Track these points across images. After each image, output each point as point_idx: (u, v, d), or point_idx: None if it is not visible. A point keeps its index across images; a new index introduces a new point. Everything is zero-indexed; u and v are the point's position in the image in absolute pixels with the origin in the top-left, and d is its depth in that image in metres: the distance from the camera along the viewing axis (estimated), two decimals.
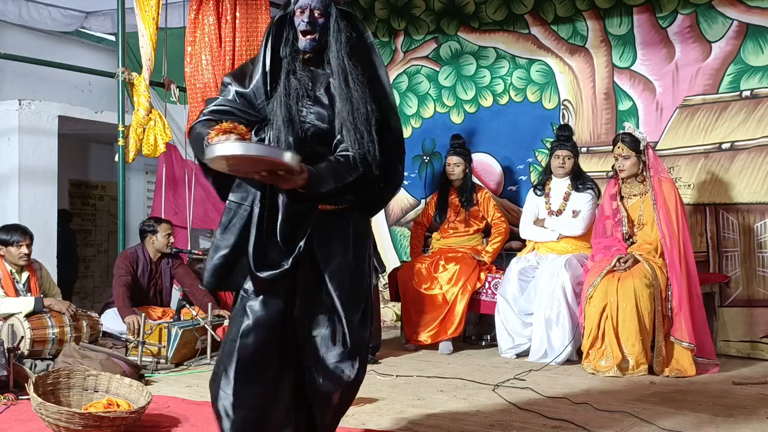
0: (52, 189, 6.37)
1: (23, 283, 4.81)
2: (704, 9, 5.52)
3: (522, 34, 6.38)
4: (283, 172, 2.17)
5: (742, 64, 5.38)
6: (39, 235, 5.19)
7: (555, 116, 6.20)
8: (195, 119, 2.48)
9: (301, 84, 2.43)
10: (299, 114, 2.40)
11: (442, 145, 6.46)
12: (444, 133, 6.48)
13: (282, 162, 2.12)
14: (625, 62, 5.90)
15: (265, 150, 2.18)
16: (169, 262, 5.59)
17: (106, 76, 6.11)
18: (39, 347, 4.48)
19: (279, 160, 2.12)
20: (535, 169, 6.27)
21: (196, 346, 4.99)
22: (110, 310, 5.33)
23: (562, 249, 5.25)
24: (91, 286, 8.28)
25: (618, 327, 4.54)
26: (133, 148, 5.60)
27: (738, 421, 3.37)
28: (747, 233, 5.31)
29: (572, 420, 3.34)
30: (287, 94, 2.40)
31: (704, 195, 5.47)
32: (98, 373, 3.53)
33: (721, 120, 5.46)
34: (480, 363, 4.95)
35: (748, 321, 5.21)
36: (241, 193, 2.45)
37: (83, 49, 7.57)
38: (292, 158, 2.12)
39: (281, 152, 2.17)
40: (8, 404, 3.59)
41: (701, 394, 3.97)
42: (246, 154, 2.11)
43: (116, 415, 3.11)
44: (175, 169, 6.84)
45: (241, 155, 2.11)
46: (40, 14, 6.84)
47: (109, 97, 6.60)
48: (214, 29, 5.90)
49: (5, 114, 6.20)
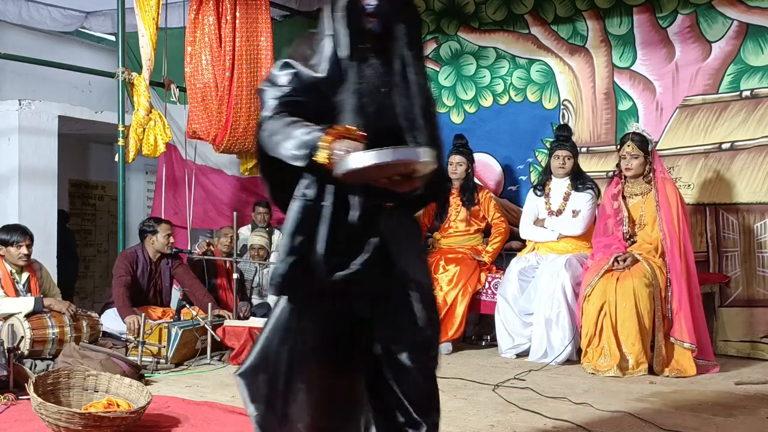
0: (52, 189, 6.37)
1: (23, 283, 4.81)
2: (704, 9, 5.52)
3: (522, 34, 6.38)
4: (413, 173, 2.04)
5: (742, 64, 5.38)
6: (39, 235, 5.20)
7: (555, 116, 6.20)
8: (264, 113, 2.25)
9: (374, 73, 2.25)
10: (372, 106, 2.22)
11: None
12: (444, 133, 6.43)
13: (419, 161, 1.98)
14: (625, 62, 5.90)
15: (402, 153, 2.00)
16: (169, 262, 5.59)
17: (106, 76, 6.11)
18: (39, 347, 4.48)
19: (417, 159, 1.98)
20: (535, 169, 6.27)
21: (196, 346, 4.99)
22: (110, 310, 5.32)
23: (562, 249, 5.25)
24: (91, 286, 8.28)
25: (617, 326, 4.54)
26: (133, 148, 5.60)
27: (738, 421, 3.37)
28: (747, 233, 5.31)
29: (572, 420, 3.34)
30: (359, 83, 2.21)
31: (704, 195, 5.47)
32: (98, 373, 3.53)
33: (721, 120, 5.46)
34: (480, 363, 4.95)
35: (748, 321, 5.20)
36: (307, 190, 2.23)
37: (83, 49, 7.57)
38: (429, 155, 1.99)
39: (417, 152, 2.00)
40: (8, 404, 3.59)
41: (701, 394, 3.97)
42: (385, 162, 1.95)
43: (116, 415, 3.11)
44: (175, 169, 6.84)
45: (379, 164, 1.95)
46: (40, 14, 6.85)
47: (109, 97, 6.60)
48: (214, 29, 5.90)
49: (5, 114, 6.20)
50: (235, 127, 5.99)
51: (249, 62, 6.04)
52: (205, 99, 5.95)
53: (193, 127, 6.05)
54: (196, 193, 6.78)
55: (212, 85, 5.92)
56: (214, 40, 5.90)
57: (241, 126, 6.02)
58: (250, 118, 6.06)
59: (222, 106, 5.95)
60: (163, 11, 5.74)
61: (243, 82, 6.00)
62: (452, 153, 5.84)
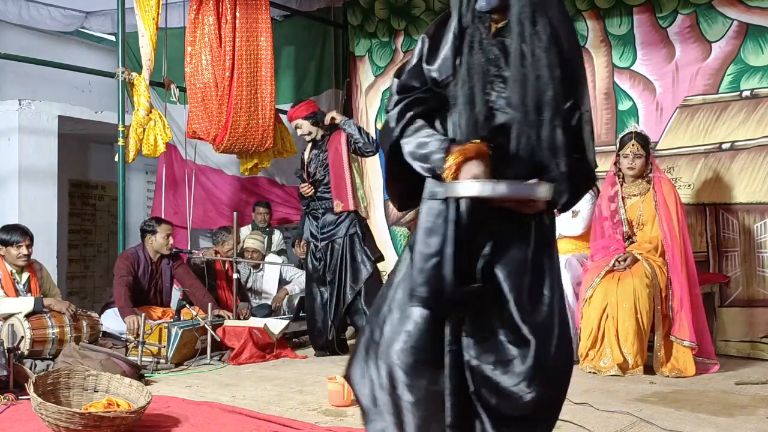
0: (52, 189, 6.37)
1: (23, 283, 4.81)
2: (704, 9, 5.52)
3: None
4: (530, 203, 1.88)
5: (742, 64, 5.38)
6: (39, 235, 5.20)
7: None
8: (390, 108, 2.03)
9: (487, 58, 1.93)
10: (485, 97, 1.92)
11: None
12: None
13: (534, 198, 1.85)
14: (625, 62, 5.89)
15: (516, 189, 1.83)
16: (170, 262, 5.60)
17: (106, 76, 6.11)
18: (39, 347, 4.48)
19: (531, 196, 1.85)
20: None
21: (196, 346, 4.99)
22: (110, 310, 5.33)
23: (562, 249, 5.24)
24: (91, 286, 8.28)
25: (618, 327, 4.54)
26: (133, 148, 5.59)
27: (738, 421, 3.37)
28: (747, 233, 5.31)
29: (572, 420, 3.34)
30: (469, 71, 1.92)
31: (704, 195, 5.47)
32: (98, 373, 3.53)
33: (721, 120, 5.46)
34: None
35: (748, 321, 5.21)
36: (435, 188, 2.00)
37: (83, 49, 7.57)
38: (547, 192, 1.83)
39: (533, 188, 1.82)
40: (8, 404, 3.59)
41: (701, 394, 3.96)
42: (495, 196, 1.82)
43: (116, 415, 3.11)
44: (175, 169, 6.84)
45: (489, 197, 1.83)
46: (40, 14, 6.84)
47: (109, 97, 6.60)
48: (214, 29, 5.90)
49: (5, 114, 6.20)
50: (235, 127, 5.99)
51: (249, 62, 6.04)
52: (205, 99, 5.95)
53: (193, 127, 6.05)
54: (196, 193, 6.78)
55: (212, 85, 5.92)
56: (214, 40, 5.90)
57: (241, 126, 6.02)
58: (250, 118, 6.06)
59: (222, 106, 5.95)
60: (163, 11, 5.74)
61: (243, 82, 6.00)
62: None
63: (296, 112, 5.44)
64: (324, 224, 5.36)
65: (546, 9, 1.90)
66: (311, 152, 5.49)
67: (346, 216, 5.30)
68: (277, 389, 4.13)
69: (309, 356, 5.30)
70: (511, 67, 1.90)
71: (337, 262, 5.27)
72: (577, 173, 1.95)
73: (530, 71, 1.88)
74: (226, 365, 4.86)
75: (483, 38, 1.94)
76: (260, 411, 3.54)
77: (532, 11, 1.88)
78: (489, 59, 1.93)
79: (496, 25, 1.96)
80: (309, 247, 5.45)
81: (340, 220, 5.32)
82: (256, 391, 4.08)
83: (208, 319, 5.02)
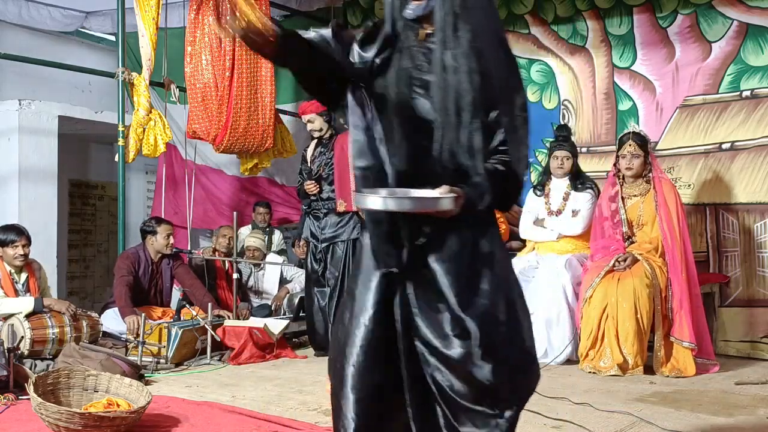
0: (52, 189, 6.37)
1: (22, 283, 4.81)
2: (704, 9, 5.52)
3: (522, 34, 6.38)
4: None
5: (742, 64, 5.38)
6: (39, 235, 5.20)
7: (555, 116, 6.20)
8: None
9: (414, 64, 2.00)
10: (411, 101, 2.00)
11: None
12: None
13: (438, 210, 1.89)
14: (625, 62, 5.90)
15: (419, 204, 1.90)
16: (170, 262, 5.60)
17: (106, 76, 6.11)
18: (39, 347, 4.48)
19: (435, 209, 1.89)
20: (535, 169, 6.27)
21: (196, 346, 4.99)
22: (110, 310, 5.33)
23: (562, 249, 5.25)
24: (91, 286, 8.28)
25: (618, 327, 4.54)
26: (133, 148, 5.60)
27: (738, 421, 3.37)
28: (747, 233, 5.31)
29: (572, 420, 3.34)
30: (398, 76, 2.00)
31: (704, 195, 5.47)
32: (98, 373, 3.53)
33: (721, 120, 5.46)
34: None
35: (748, 321, 5.21)
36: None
37: (83, 49, 7.57)
38: (450, 204, 1.87)
39: (437, 202, 1.87)
40: (8, 404, 3.59)
41: (701, 394, 3.96)
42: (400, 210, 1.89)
43: (116, 415, 3.11)
44: (175, 169, 6.84)
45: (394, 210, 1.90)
46: (40, 14, 6.85)
47: (109, 97, 6.60)
48: (214, 29, 5.90)
49: (5, 114, 6.20)
50: (235, 127, 5.99)
51: (249, 62, 6.04)
52: (205, 99, 5.94)
53: (193, 127, 6.05)
54: (196, 193, 6.78)
55: (212, 85, 5.92)
56: (214, 40, 5.90)
57: (241, 126, 6.02)
58: (250, 118, 6.05)
59: (222, 106, 5.94)
60: (163, 11, 5.74)
61: (243, 82, 6.00)
62: None
63: (311, 107, 5.41)
64: (326, 225, 5.34)
65: (469, 17, 1.95)
66: (315, 150, 5.48)
67: (350, 218, 5.28)
68: (277, 389, 4.13)
69: (309, 356, 5.30)
70: (434, 73, 1.97)
71: (340, 267, 5.24)
72: (501, 176, 1.99)
73: (451, 77, 1.94)
74: (226, 365, 4.86)
75: (411, 44, 2.01)
76: (260, 411, 3.54)
77: (454, 19, 1.94)
78: (416, 65, 2.00)
79: (424, 31, 2.02)
80: (309, 247, 5.44)
81: (344, 222, 5.29)
82: (256, 391, 4.08)
83: (208, 319, 5.02)
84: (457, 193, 1.88)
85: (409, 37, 2.01)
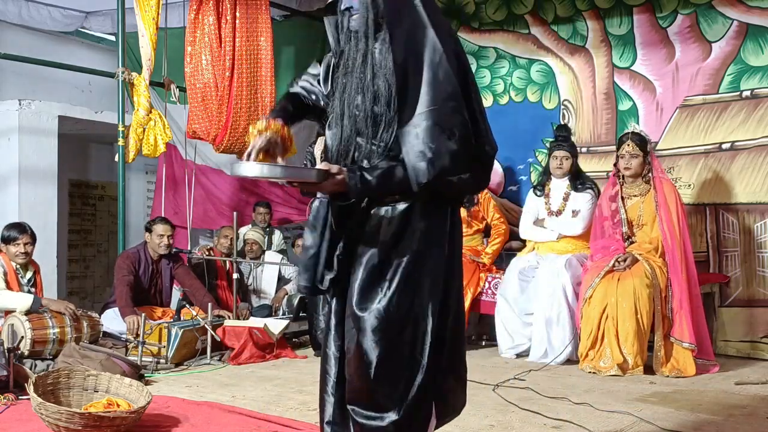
0: (52, 189, 6.37)
1: (28, 279, 4.82)
2: (704, 9, 5.52)
3: (522, 34, 6.38)
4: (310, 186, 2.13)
5: (742, 64, 5.38)
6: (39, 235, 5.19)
7: (555, 116, 6.20)
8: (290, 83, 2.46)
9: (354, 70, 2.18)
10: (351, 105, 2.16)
11: None
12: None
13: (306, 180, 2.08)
14: (625, 62, 5.90)
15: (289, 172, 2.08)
16: (169, 262, 5.59)
17: (106, 76, 6.11)
18: (40, 348, 4.48)
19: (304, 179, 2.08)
20: (535, 169, 6.27)
21: (196, 346, 4.99)
22: (110, 310, 5.32)
23: (562, 249, 5.25)
24: (91, 286, 8.28)
25: (618, 327, 4.54)
26: (133, 148, 5.60)
27: (738, 421, 3.37)
28: (747, 233, 5.31)
29: (572, 420, 3.34)
30: (343, 83, 2.18)
31: (704, 195, 5.47)
32: (98, 373, 3.53)
33: (721, 120, 5.46)
34: (480, 363, 4.94)
35: (748, 321, 5.21)
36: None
37: (83, 49, 7.57)
38: (318, 176, 2.01)
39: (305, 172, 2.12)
40: (8, 404, 3.59)
41: (701, 394, 3.97)
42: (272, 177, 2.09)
43: (116, 415, 3.11)
44: (175, 169, 6.84)
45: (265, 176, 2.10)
46: (40, 14, 6.84)
47: (109, 97, 6.60)
48: (214, 29, 5.90)
49: (5, 114, 6.20)
50: (235, 127, 5.99)
51: (249, 62, 6.04)
52: (205, 99, 5.95)
53: (193, 127, 6.05)
54: (196, 193, 6.78)
55: (212, 85, 5.92)
56: (214, 40, 5.90)
57: (241, 126, 6.01)
58: (250, 118, 6.05)
59: (222, 106, 5.95)
60: (163, 11, 5.74)
61: (243, 82, 6.00)
62: None
63: None
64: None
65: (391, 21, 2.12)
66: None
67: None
68: (277, 389, 4.13)
69: (309, 356, 5.30)
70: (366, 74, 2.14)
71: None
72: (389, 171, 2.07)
73: (378, 77, 2.11)
74: (226, 365, 4.86)
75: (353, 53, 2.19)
76: (260, 411, 3.54)
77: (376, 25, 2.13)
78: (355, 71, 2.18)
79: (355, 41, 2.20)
80: None
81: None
82: (256, 391, 4.08)
83: (208, 319, 5.02)
84: (334, 171, 2.01)
85: (351, 47, 2.20)
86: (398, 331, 2.07)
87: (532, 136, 6.30)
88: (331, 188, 2.04)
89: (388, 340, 2.05)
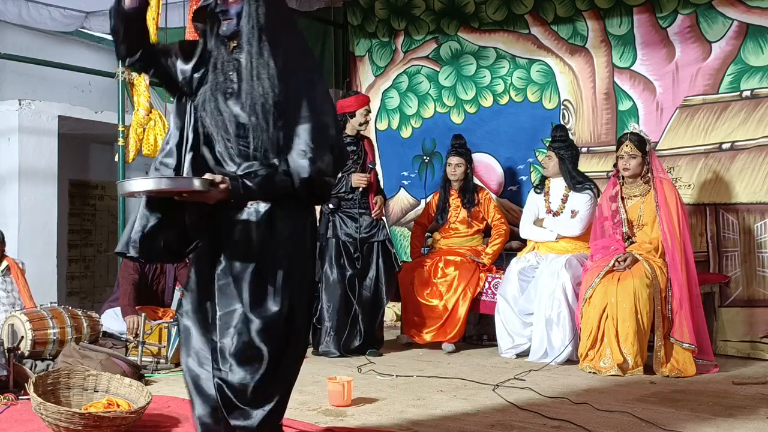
0: (52, 189, 6.37)
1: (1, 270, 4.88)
2: (704, 9, 5.52)
3: (522, 34, 6.38)
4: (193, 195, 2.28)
5: (742, 64, 5.38)
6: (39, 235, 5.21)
7: (555, 116, 6.20)
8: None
9: (225, 76, 2.37)
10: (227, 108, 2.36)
11: (443, 145, 6.46)
12: (444, 133, 6.48)
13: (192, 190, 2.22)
14: (625, 62, 5.90)
15: (175, 183, 2.26)
16: None
17: (106, 76, 6.11)
18: (40, 348, 4.47)
19: (189, 188, 2.23)
20: (535, 169, 6.27)
21: None
22: (110, 310, 5.32)
23: (562, 249, 5.25)
24: (91, 286, 8.28)
25: (618, 327, 4.54)
26: (133, 148, 5.60)
27: (738, 421, 3.37)
28: (747, 233, 5.31)
29: (572, 420, 3.34)
30: (213, 88, 2.37)
31: (704, 195, 5.47)
32: (98, 373, 3.53)
33: (721, 120, 5.46)
34: (480, 363, 4.95)
35: (748, 321, 5.21)
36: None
37: (83, 49, 7.57)
38: (201, 185, 2.21)
39: (189, 182, 2.24)
40: (8, 404, 3.59)
41: (701, 394, 3.97)
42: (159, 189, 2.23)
43: (116, 415, 3.11)
44: None
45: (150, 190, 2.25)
46: (40, 14, 6.83)
47: (109, 97, 6.60)
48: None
49: (5, 114, 6.20)
50: None
51: None
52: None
53: None
54: None
55: None
56: None
57: None
58: None
59: None
60: (163, 11, 5.73)
61: None
62: (450, 154, 5.83)
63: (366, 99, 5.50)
64: (362, 225, 5.32)
65: (271, 33, 2.33)
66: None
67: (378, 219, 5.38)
68: None
69: (309, 356, 5.30)
70: (242, 81, 2.32)
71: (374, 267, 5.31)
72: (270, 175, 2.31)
73: (255, 84, 2.30)
74: None
75: (224, 59, 2.38)
76: None
77: (259, 35, 2.32)
78: (227, 76, 2.37)
79: (232, 45, 2.39)
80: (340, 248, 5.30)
81: (376, 222, 5.36)
82: None
83: None
84: (218, 180, 2.23)
85: (221, 52, 2.38)
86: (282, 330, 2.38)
87: (532, 136, 6.30)
88: (216, 196, 2.25)
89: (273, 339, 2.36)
